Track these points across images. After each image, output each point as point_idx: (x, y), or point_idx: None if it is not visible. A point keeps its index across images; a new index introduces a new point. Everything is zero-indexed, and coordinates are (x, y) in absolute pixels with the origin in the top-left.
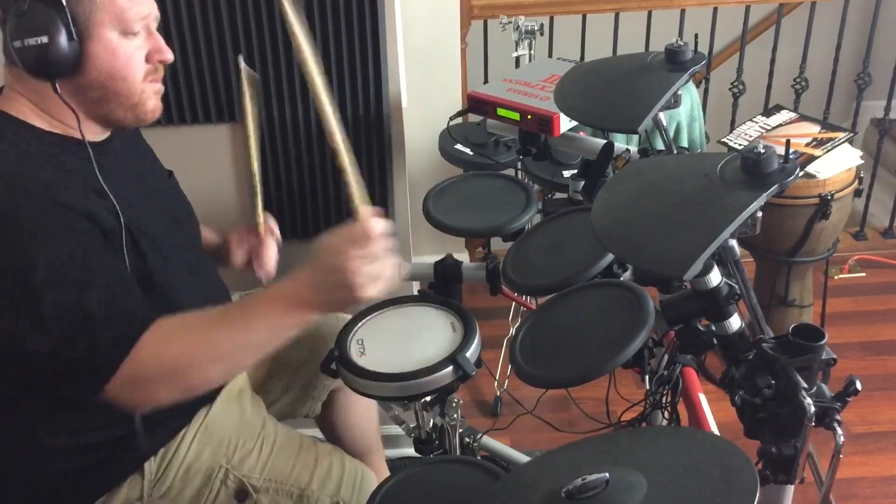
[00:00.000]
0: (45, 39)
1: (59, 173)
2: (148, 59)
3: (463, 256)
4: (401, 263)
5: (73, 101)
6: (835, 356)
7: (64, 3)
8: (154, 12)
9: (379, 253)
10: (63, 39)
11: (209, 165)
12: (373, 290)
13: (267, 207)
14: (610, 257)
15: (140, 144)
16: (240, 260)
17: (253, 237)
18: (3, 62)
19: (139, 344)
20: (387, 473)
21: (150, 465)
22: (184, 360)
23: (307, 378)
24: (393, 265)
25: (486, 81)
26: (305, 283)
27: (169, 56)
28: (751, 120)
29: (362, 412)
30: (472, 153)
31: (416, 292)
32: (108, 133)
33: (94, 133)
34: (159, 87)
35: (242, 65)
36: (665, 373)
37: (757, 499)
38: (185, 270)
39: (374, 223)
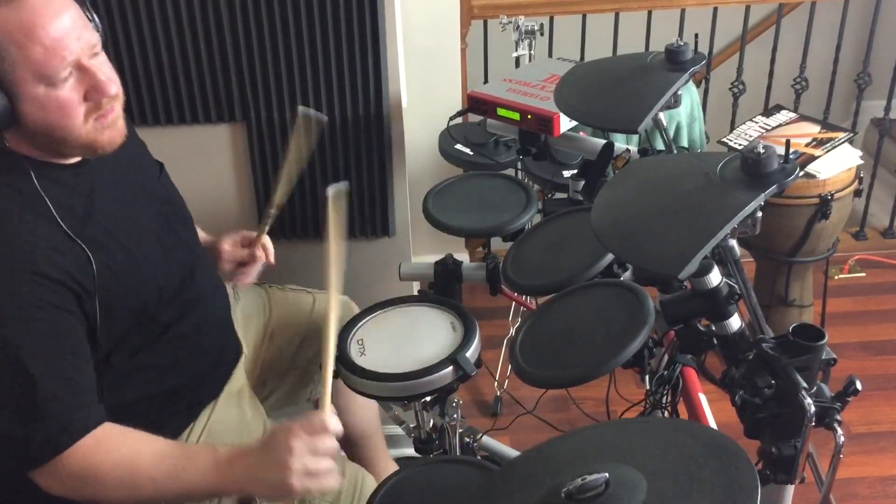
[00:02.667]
0: None
1: (31, 222)
2: (87, 98)
3: (463, 256)
4: (337, 474)
5: (28, 143)
6: (835, 356)
7: None
8: (90, 45)
9: (324, 450)
10: None
11: (209, 165)
12: (304, 484)
13: (267, 206)
14: (610, 257)
15: (132, 141)
16: (227, 267)
17: (243, 251)
18: None
19: (71, 449)
20: (389, 456)
21: None
22: (106, 480)
23: (306, 362)
24: (332, 469)
25: (486, 81)
26: (249, 464)
27: (110, 90)
28: (751, 120)
29: (364, 414)
30: (472, 153)
31: (416, 292)
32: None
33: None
34: (111, 118)
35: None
36: (665, 373)
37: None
38: (177, 268)
39: (331, 420)
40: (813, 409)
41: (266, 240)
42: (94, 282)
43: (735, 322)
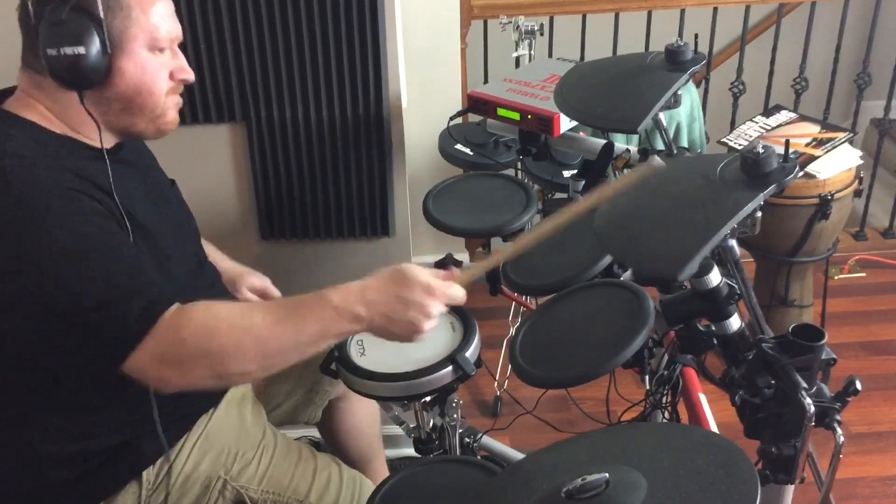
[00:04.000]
0: (81, 50)
1: (73, 178)
2: (171, 77)
3: (463, 256)
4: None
5: (96, 111)
6: (835, 356)
7: (101, 15)
8: (180, 34)
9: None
10: (97, 51)
11: (209, 165)
12: (420, 338)
13: (267, 207)
14: (610, 257)
15: (146, 152)
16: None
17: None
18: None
19: (174, 319)
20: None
21: (149, 474)
22: (229, 347)
23: (310, 383)
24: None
25: (486, 81)
26: (374, 302)
27: (191, 76)
28: (751, 120)
29: (364, 418)
30: (472, 153)
31: None
32: (118, 141)
33: (107, 141)
34: (179, 100)
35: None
36: (665, 373)
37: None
38: (190, 276)
39: (463, 293)
40: (813, 409)
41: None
42: (129, 233)
43: (735, 322)
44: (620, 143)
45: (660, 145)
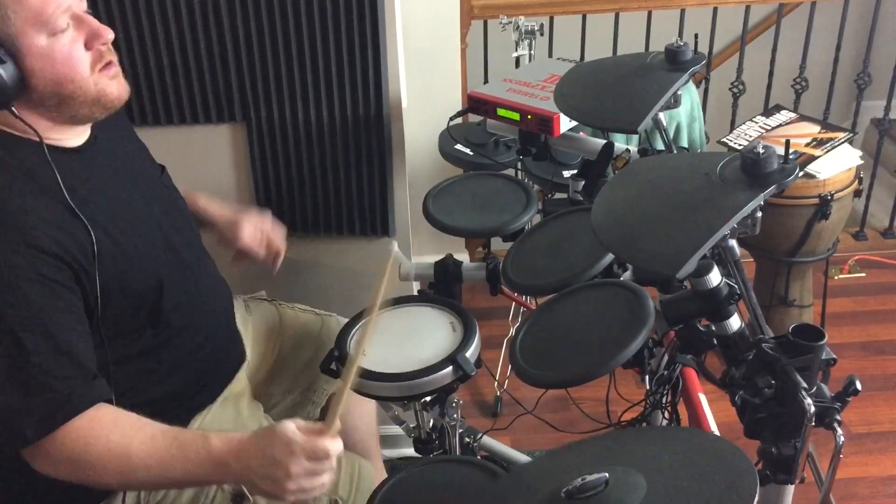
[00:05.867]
0: None
1: (32, 197)
2: (88, 47)
3: (463, 256)
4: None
5: (37, 113)
6: (835, 356)
7: None
8: None
9: (322, 472)
10: None
11: (209, 165)
12: (297, 496)
13: (268, 206)
14: (610, 257)
15: (131, 140)
16: (235, 245)
17: (259, 247)
18: None
19: (66, 427)
20: (384, 476)
21: None
22: (97, 466)
23: (308, 382)
24: (326, 483)
25: (486, 81)
26: (244, 457)
27: (108, 34)
28: (751, 120)
29: (361, 415)
30: (472, 153)
31: (416, 292)
32: (89, 133)
33: (76, 134)
34: (114, 70)
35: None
36: (665, 373)
37: (757, 499)
38: (178, 267)
39: (335, 444)
40: (813, 409)
41: (281, 248)
42: (94, 262)
43: (735, 322)
44: (620, 143)
45: (660, 145)
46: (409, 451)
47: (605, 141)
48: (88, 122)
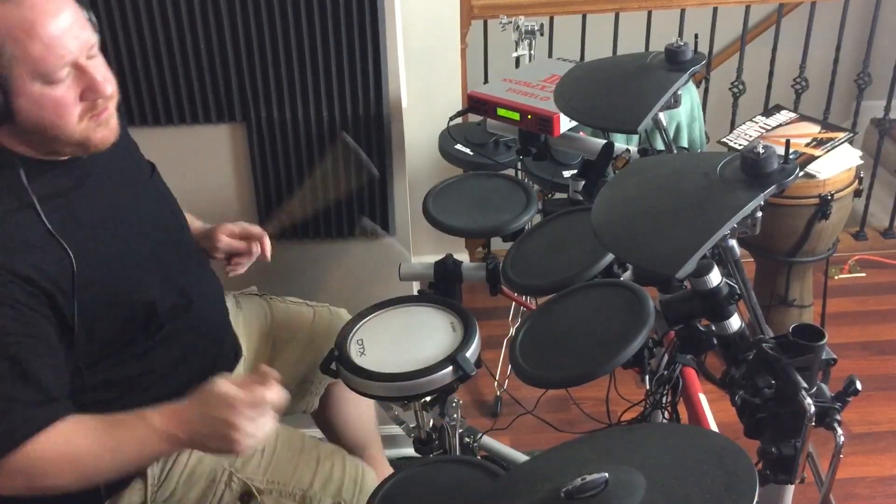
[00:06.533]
0: None
1: (11, 216)
2: (83, 98)
3: (463, 256)
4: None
5: (18, 139)
6: (835, 356)
7: None
8: (86, 45)
9: (264, 413)
10: None
11: (209, 165)
12: (248, 445)
13: (267, 207)
14: (610, 257)
15: (122, 140)
16: (220, 257)
17: (240, 243)
18: None
19: (21, 449)
20: (386, 465)
21: (153, 470)
22: (49, 471)
23: (304, 374)
24: (271, 425)
25: (486, 81)
26: (188, 422)
27: (106, 91)
28: (751, 120)
29: (359, 404)
30: (472, 153)
31: (416, 292)
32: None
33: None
34: (105, 116)
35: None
36: (665, 373)
37: (756, 499)
38: (169, 269)
39: (272, 388)
40: (813, 409)
41: (263, 232)
42: (72, 281)
43: (735, 322)
44: (620, 143)
45: (660, 145)
46: (409, 451)
47: (605, 141)
48: (70, 156)
